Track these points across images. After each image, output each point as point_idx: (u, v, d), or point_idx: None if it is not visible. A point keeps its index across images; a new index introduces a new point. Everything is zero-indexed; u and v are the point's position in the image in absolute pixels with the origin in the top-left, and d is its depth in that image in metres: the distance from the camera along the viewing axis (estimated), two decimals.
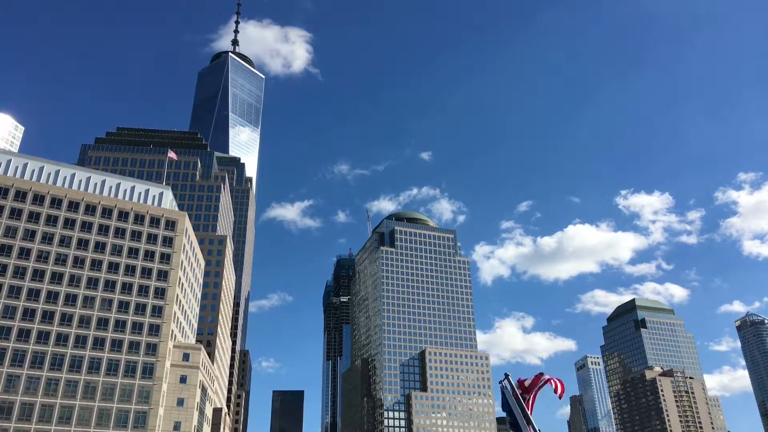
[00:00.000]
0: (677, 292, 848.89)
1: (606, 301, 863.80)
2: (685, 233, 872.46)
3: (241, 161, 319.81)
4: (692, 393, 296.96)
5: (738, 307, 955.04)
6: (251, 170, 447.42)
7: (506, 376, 18.97)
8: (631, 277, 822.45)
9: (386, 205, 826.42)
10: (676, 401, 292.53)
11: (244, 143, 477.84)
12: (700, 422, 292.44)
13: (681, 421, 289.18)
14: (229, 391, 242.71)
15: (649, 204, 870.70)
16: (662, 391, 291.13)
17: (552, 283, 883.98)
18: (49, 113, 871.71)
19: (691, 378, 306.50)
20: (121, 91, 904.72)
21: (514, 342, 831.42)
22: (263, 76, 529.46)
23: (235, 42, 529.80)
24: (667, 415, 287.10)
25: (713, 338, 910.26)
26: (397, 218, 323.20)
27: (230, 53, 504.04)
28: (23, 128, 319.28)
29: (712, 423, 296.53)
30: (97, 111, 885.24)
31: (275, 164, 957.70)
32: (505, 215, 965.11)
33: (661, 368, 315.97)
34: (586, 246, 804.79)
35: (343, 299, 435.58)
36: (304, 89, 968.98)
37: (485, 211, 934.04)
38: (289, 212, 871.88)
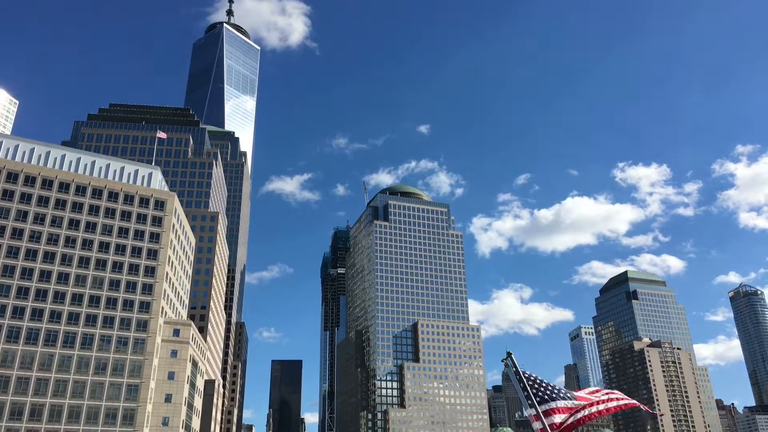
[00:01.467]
0: (674, 264, 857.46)
1: (603, 273, 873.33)
2: (682, 205, 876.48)
3: (236, 135, 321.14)
4: (679, 363, 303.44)
5: (734, 278, 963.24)
6: (247, 143, 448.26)
7: (509, 354, 18.68)
8: (628, 249, 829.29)
9: (385, 178, 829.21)
10: (663, 371, 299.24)
11: (240, 115, 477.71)
12: (686, 391, 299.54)
13: (667, 391, 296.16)
14: (225, 362, 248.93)
15: (647, 176, 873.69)
16: (650, 361, 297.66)
17: (549, 255, 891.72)
18: (44, 87, 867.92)
19: (678, 348, 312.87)
20: (117, 64, 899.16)
21: (512, 312, 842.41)
22: (258, 48, 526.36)
23: (230, 12, 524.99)
24: (654, 385, 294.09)
25: (709, 308, 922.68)
26: (391, 192, 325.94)
27: (225, 24, 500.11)
28: (18, 102, 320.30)
29: (698, 392, 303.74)
30: (93, 84, 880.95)
31: (274, 138, 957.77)
32: (503, 188, 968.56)
33: (650, 339, 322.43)
34: (583, 218, 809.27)
35: (340, 271, 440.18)
36: (302, 63, 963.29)
37: (483, 184, 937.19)
38: (289, 185, 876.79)
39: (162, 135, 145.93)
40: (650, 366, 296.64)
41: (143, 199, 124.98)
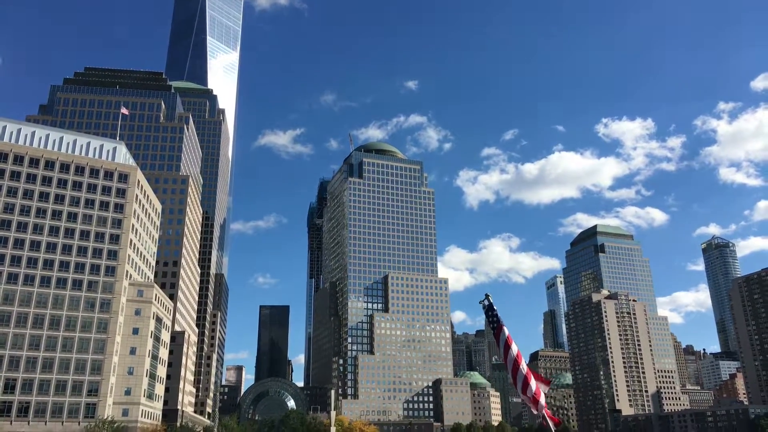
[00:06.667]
0: (657, 216, 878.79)
1: (588, 224, 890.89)
2: (665, 160, 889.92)
3: (214, 92, 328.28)
4: (634, 314, 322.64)
5: (714, 230, 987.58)
6: (229, 96, 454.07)
7: (486, 296, 19.95)
8: (611, 202, 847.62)
9: (375, 133, 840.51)
10: (618, 322, 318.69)
11: (222, 68, 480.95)
12: (638, 340, 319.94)
13: (621, 339, 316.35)
14: (205, 311, 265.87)
15: (630, 130, 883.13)
16: (605, 312, 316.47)
17: (534, 207, 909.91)
18: (27, 45, 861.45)
19: (634, 300, 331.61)
20: (101, 17, 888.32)
21: (500, 261, 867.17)
22: None
23: None
24: (608, 334, 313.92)
25: (691, 258, 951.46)
26: (366, 150, 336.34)
27: None
28: (0, 60, 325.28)
29: (650, 341, 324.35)
30: (77, 38, 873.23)
31: (264, 92, 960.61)
32: (489, 142, 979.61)
33: (609, 291, 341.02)
34: (568, 172, 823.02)
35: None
36: (290, 23, 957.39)
37: (471, 139, 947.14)
38: (282, 139, 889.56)
39: (125, 111, 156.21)
40: (606, 317, 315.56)
41: (108, 172, 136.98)
